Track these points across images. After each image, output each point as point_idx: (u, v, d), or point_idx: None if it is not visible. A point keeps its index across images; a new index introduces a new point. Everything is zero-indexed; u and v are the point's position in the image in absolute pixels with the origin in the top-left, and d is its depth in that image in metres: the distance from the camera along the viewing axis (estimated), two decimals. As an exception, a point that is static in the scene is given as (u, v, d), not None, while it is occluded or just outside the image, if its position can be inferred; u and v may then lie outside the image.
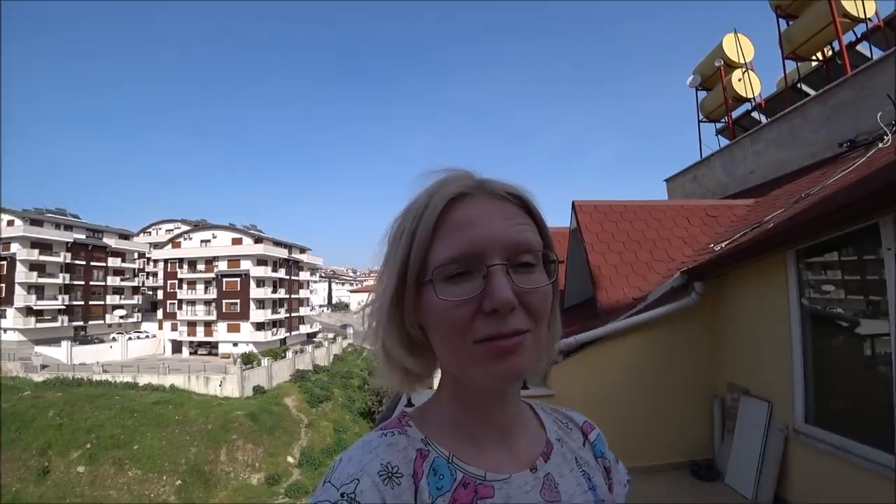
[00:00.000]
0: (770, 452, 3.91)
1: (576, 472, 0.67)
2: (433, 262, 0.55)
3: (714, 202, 7.11)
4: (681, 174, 10.16)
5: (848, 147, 5.49)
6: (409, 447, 0.58)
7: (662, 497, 4.19)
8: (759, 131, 7.80)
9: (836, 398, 3.66)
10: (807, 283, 3.90)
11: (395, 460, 0.56)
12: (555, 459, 0.66)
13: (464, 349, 0.54)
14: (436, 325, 0.56)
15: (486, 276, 0.53)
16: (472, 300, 0.53)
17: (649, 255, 5.96)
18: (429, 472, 0.56)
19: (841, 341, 3.79)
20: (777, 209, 4.95)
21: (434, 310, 0.55)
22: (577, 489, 0.64)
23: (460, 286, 0.54)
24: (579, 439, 0.74)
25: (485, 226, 0.55)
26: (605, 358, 4.78)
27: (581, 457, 0.70)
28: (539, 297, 0.56)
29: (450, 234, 0.55)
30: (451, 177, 0.60)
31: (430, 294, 0.55)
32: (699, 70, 10.84)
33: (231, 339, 46.36)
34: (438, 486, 0.55)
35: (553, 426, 0.72)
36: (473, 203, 0.57)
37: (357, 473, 0.53)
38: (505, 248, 0.54)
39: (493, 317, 0.52)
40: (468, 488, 0.56)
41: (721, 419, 4.65)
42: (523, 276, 0.55)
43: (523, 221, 0.58)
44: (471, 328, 0.53)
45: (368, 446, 0.57)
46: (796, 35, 8.23)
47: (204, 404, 32.79)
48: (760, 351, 4.28)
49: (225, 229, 50.66)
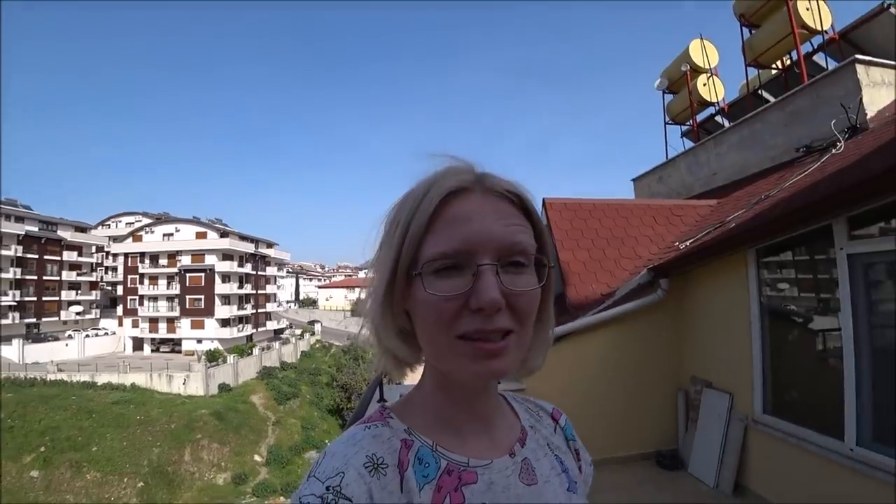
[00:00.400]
0: (731, 442, 4.10)
1: (549, 456, 0.70)
2: (424, 255, 0.55)
3: (679, 202, 7.35)
4: (647, 174, 10.44)
5: (804, 152, 5.77)
6: (394, 438, 0.59)
7: (628, 487, 4.33)
8: (723, 134, 8.10)
9: (791, 389, 3.87)
10: (765, 280, 4.10)
11: (380, 451, 0.57)
12: (530, 445, 0.69)
13: (447, 343, 0.55)
14: (422, 316, 0.57)
15: (475, 274, 0.53)
16: (460, 296, 0.53)
17: (617, 253, 6.12)
18: (414, 461, 0.57)
19: (796, 336, 4.01)
20: (738, 209, 5.16)
21: (421, 302, 0.56)
22: (551, 472, 0.67)
23: (449, 281, 0.54)
24: (550, 425, 0.77)
25: (479, 223, 0.55)
26: (575, 353, 4.90)
27: (552, 442, 0.74)
28: (526, 299, 0.56)
29: (444, 229, 0.55)
30: (451, 169, 0.59)
31: (419, 287, 0.55)
32: (666, 74, 11.15)
33: (195, 335, 45.05)
34: (424, 474, 0.57)
35: (525, 414, 0.75)
36: (471, 199, 0.57)
37: (342, 466, 0.53)
38: (497, 247, 0.55)
39: (478, 314, 0.53)
40: (452, 475, 0.58)
41: (685, 411, 4.84)
42: (513, 277, 0.55)
43: (519, 222, 0.58)
44: (455, 323, 0.54)
45: (353, 439, 0.58)
46: (758, 43, 8.57)
47: (167, 403, 31.80)
48: (722, 345, 4.47)
49: (189, 223, 49.12)
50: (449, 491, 0.56)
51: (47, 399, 29.81)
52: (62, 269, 46.75)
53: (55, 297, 45.94)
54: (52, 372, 33.44)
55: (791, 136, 6.38)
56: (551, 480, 0.66)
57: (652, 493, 4.22)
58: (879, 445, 2.94)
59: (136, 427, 29.06)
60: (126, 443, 28.00)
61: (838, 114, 5.30)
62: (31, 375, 32.67)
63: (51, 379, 32.85)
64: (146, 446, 28.13)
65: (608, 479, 4.47)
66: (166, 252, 46.88)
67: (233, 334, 45.09)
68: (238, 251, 47.72)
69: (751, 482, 3.95)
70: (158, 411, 30.64)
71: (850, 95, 5.43)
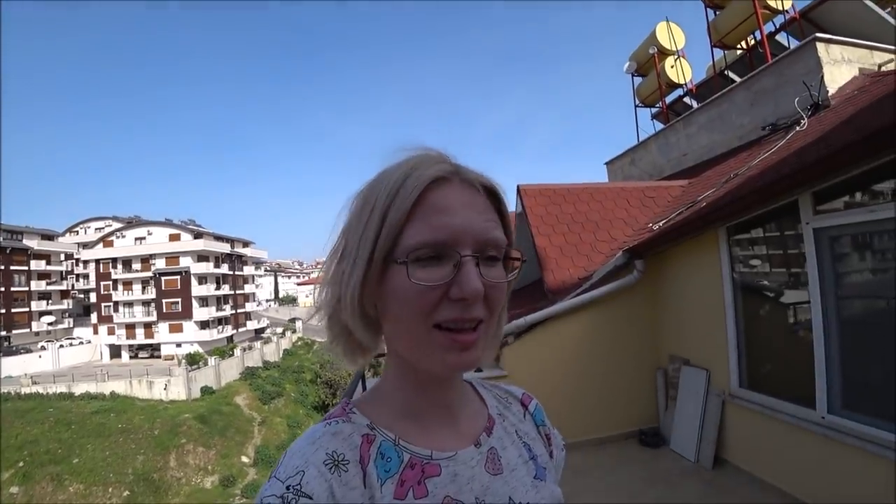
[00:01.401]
0: (709, 417, 4.21)
1: (517, 444, 0.70)
2: (405, 243, 0.55)
3: (651, 184, 7.45)
4: (620, 157, 10.55)
5: (770, 130, 5.90)
6: (354, 434, 0.59)
7: (612, 466, 4.42)
8: (691, 116, 8.22)
9: (765, 363, 3.97)
10: (737, 257, 4.19)
11: (340, 448, 0.56)
12: (497, 433, 0.69)
13: (422, 332, 0.55)
14: (399, 305, 0.56)
15: (457, 265, 0.54)
16: (441, 286, 0.54)
17: (593, 236, 6.18)
18: (376, 456, 0.57)
19: (768, 310, 4.11)
20: (709, 189, 5.26)
21: (400, 291, 0.55)
22: (518, 460, 0.68)
23: (428, 271, 0.54)
24: (519, 412, 0.77)
25: (461, 215, 0.55)
26: (555, 336, 4.96)
27: (521, 429, 0.74)
28: (499, 291, 0.58)
29: (425, 218, 0.55)
30: (428, 157, 0.59)
31: (400, 275, 0.54)
32: (635, 57, 11.24)
33: (174, 339, 44.22)
34: (386, 468, 0.57)
35: (493, 402, 0.75)
36: (450, 189, 0.57)
37: (302, 465, 0.53)
38: (476, 240, 0.56)
39: (458, 304, 0.54)
40: (415, 468, 0.58)
41: (665, 389, 4.94)
42: (488, 269, 0.56)
43: (492, 217, 0.59)
44: (434, 312, 0.54)
45: (312, 437, 0.58)
46: (723, 24, 8.69)
47: (149, 409, 31.23)
48: (698, 323, 4.57)
49: (161, 225, 47.99)
50: (412, 485, 0.57)
51: (23, 413, 29.00)
52: (30, 279, 45.16)
53: (25, 308, 44.43)
54: (27, 385, 32.46)
55: (757, 115, 6.51)
56: (518, 469, 0.66)
57: (635, 470, 4.30)
58: (849, 412, 3.04)
59: (119, 435, 28.51)
60: (108, 452, 27.45)
61: (801, 91, 5.42)
62: (5, 390, 31.64)
63: (25, 392, 31.91)
64: (130, 454, 27.63)
65: (592, 460, 4.55)
66: (139, 256, 45.72)
67: (213, 336, 44.38)
68: (213, 252, 46.84)
69: (729, 455, 4.07)
70: (140, 418, 30.08)
71: (811, 73, 5.56)
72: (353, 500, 0.53)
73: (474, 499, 0.59)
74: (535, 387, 4.43)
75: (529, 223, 6.31)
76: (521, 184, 6.78)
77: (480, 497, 0.60)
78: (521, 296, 7.43)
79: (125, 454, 27.57)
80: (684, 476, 4.08)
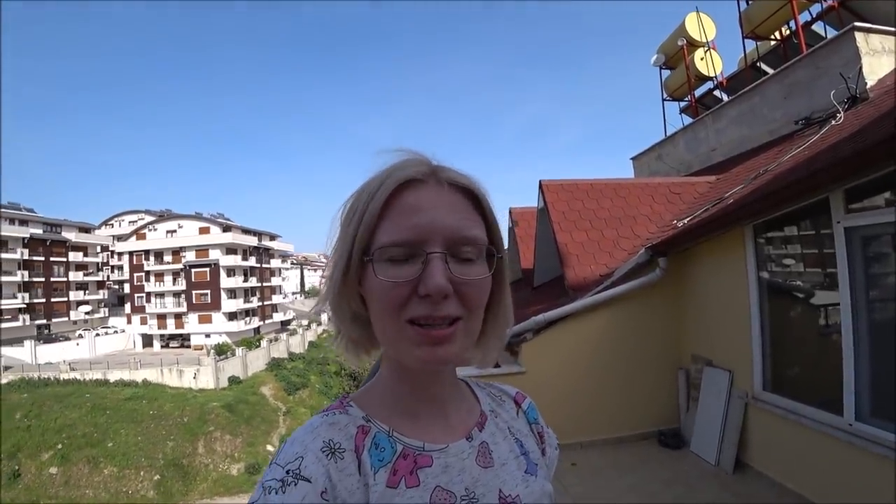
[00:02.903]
0: (731, 419, 4.10)
1: (509, 440, 0.71)
2: (377, 242, 0.57)
3: (677, 179, 7.27)
4: (646, 152, 10.32)
5: (804, 124, 5.68)
6: (350, 425, 0.61)
7: (631, 466, 4.35)
8: (721, 109, 7.97)
9: (790, 366, 3.85)
10: (764, 256, 4.06)
11: (337, 437, 0.59)
12: (489, 429, 0.70)
13: (396, 327, 0.57)
14: (374, 301, 0.59)
15: (424, 262, 0.56)
16: (409, 283, 0.56)
17: (615, 233, 6.08)
18: (370, 445, 0.60)
19: (795, 312, 3.98)
20: (737, 185, 5.10)
21: (373, 288, 0.58)
22: (509, 454, 0.69)
23: (400, 268, 0.56)
24: (513, 409, 0.79)
25: (430, 214, 0.57)
26: (575, 334, 4.89)
27: (513, 426, 0.75)
28: (474, 288, 0.58)
29: (396, 218, 0.57)
30: (406, 161, 0.61)
31: (371, 273, 0.58)
32: (663, 49, 10.95)
33: (203, 330, 45.52)
34: (380, 458, 0.59)
35: (487, 399, 0.77)
36: (423, 190, 0.59)
37: (301, 451, 0.56)
38: (446, 238, 0.57)
39: (426, 300, 0.55)
40: (408, 459, 0.60)
41: (686, 389, 4.83)
42: (462, 267, 0.57)
43: (469, 216, 0.60)
44: (404, 308, 0.56)
45: (310, 427, 0.60)
46: (755, 14, 8.38)
47: (179, 397, 32.28)
48: (721, 323, 4.45)
49: (191, 218, 49.32)
50: (404, 474, 0.59)
51: (62, 398, 30.33)
52: (69, 270, 47.16)
53: (64, 297, 46.42)
54: (65, 371, 33.98)
55: (790, 108, 6.27)
56: (508, 463, 0.68)
57: (654, 471, 4.23)
58: (878, 420, 2.91)
59: (150, 422, 29.56)
60: (141, 437, 28.52)
61: (838, 84, 5.19)
62: (45, 375, 33.24)
63: (64, 378, 33.40)
64: (160, 440, 28.63)
65: (610, 459, 4.50)
66: (170, 249, 47.17)
67: (240, 327, 45.49)
68: (241, 245, 47.90)
69: (751, 459, 3.96)
70: (171, 405, 31.12)
71: (849, 65, 5.31)
72: (348, 485, 0.55)
73: (464, 489, 0.61)
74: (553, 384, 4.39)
75: (551, 219, 6.25)
76: (543, 179, 6.71)
77: (470, 488, 0.62)
78: (541, 292, 7.37)
79: (156, 440, 28.58)
80: (704, 479, 3.99)
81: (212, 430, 29.81)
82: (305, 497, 0.52)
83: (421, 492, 0.58)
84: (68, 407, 29.49)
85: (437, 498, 0.59)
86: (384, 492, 0.57)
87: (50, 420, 28.43)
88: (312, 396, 37.58)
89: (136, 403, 30.83)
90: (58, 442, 27.40)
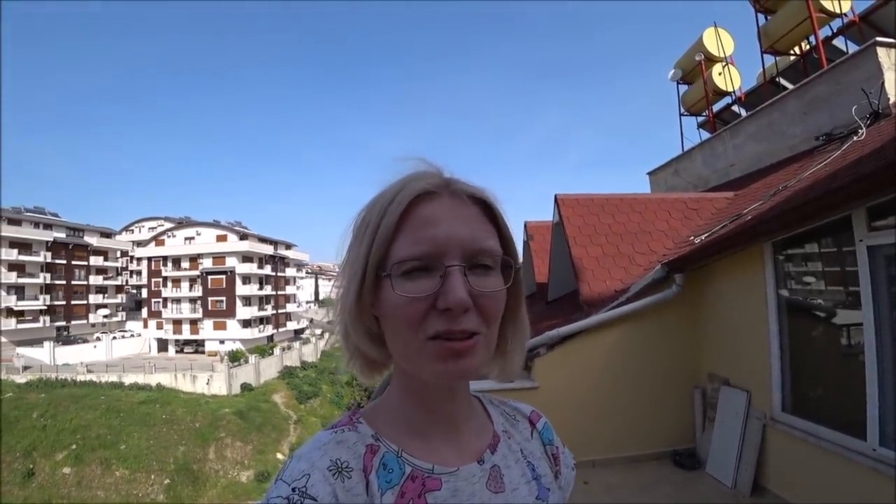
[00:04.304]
0: (749, 441, 4.00)
1: (521, 463, 0.69)
2: (393, 256, 0.56)
3: (695, 195, 7.20)
4: (663, 168, 10.25)
5: (824, 140, 5.59)
6: (359, 443, 0.60)
7: (644, 486, 4.26)
8: (739, 125, 7.89)
9: (811, 387, 3.75)
10: (783, 274, 3.98)
11: (344, 456, 0.57)
12: (501, 451, 0.68)
13: (416, 345, 0.56)
14: (391, 319, 0.57)
15: (443, 276, 0.54)
16: (428, 297, 0.54)
17: (631, 248, 6.02)
18: (378, 466, 0.58)
19: (816, 332, 3.88)
20: (755, 202, 5.03)
21: (390, 304, 0.56)
22: (521, 479, 0.67)
23: (417, 283, 0.55)
24: (527, 430, 0.76)
25: (446, 226, 0.56)
26: (589, 350, 4.84)
27: (526, 448, 0.73)
28: (493, 300, 0.57)
29: (412, 231, 0.56)
30: (418, 173, 0.60)
31: (388, 288, 0.56)
32: (680, 64, 10.91)
33: (217, 336, 45.88)
34: (387, 479, 0.57)
35: (500, 419, 0.74)
36: (438, 202, 0.58)
37: (308, 469, 0.54)
38: (463, 250, 0.56)
39: (445, 315, 0.54)
40: (416, 481, 0.58)
41: (702, 409, 4.74)
42: (480, 279, 0.56)
43: (484, 227, 0.59)
44: (423, 324, 0.55)
45: (318, 443, 0.59)
46: (774, 29, 8.32)
47: (191, 402, 32.50)
48: (739, 341, 4.36)
49: (209, 226, 50.01)
50: (412, 497, 0.57)
51: (78, 399, 30.74)
52: (89, 274, 48.08)
53: (83, 300, 47.28)
54: (82, 373, 34.49)
55: (810, 124, 6.19)
56: (520, 488, 0.66)
57: (668, 492, 4.14)
58: (903, 446, 2.82)
59: (162, 426, 29.78)
60: (153, 441, 28.72)
61: (859, 99, 5.12)
62: (62, 376, 33.77)
63: (80, 380, 33.89)
64: (172, 444, 28.81)
65: (624, 478, 4.41)
66: (188, 255, 47.84)
67: (254, 335, 45.80)
68: (257, 253, 48.41)
69: (770, 482, 3.85)
70: (183, 410, 31.33)
71: (871, 80, 5.24)
72: None
73: None
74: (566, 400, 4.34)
75: (566, 233, 6.21)
76: (558, 193, 6.69)
77: None
78: (555, 307, 7.31)
79: (168, 444, 28.77)
80: (721, 501, 3.89)
81: (223, 437, 29.93)
82: None
83: None
84: (83, 408, 29.86)
85: None
86: None
87: (65, 420, 28.81)
88: (324, 406, 37.60)
89: (149, 407, 31.10)
90: (72, 442, 27.72)
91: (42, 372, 34.12)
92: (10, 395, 30.51)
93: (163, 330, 47.61)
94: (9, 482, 25.48)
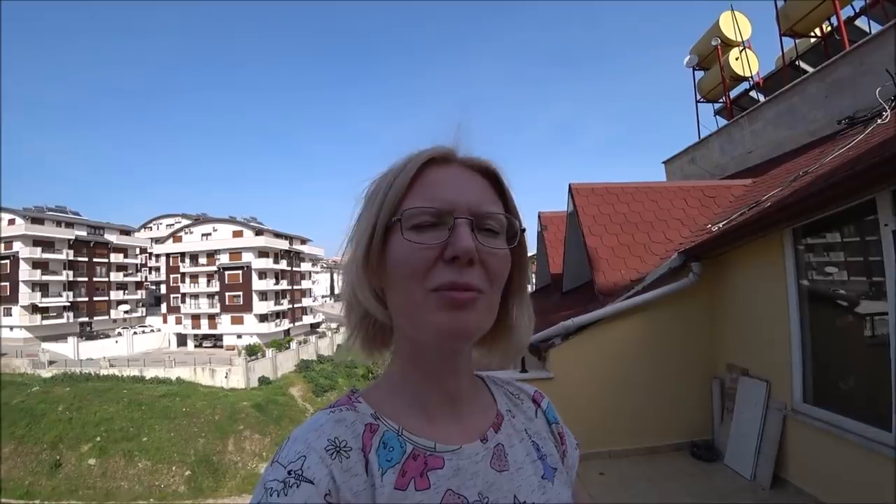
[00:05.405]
0: (768, 432, 3.92)
1: (525, 442, 0.69)
2: (402, 210, 0.57)
3: (712, 183, 7.07)
4: (679, 156, 10.09)
5: (847, 124, 5.43)
6: (357, 422, 0.59)
7: (662, 478, 4.21)
8: (758, 110, 7.72)
9: (833, 377, 3.66)
10: (804, 262, 3.88)
11: (343, 435, 0.56)
12: (505, 430, 0.67)
13: (419, 297, 0.56)
14: (398, 271, 0.57)
15: (451, 228, 0.56)
16: (435, 248, 0.55)
17: (647, 237, 5.94)
18: (378, 445, 0.57)
19: (838, 320, 3.78)
20: (775, 188, 4.91)
21: (397, 254, 0.57)
22: (525, 458, 0.66)
23: (425, 235, 0.56)
24: (531, 409, 0.76)
25: (454, 188, 0.58)
26: (604, 340, 4.78)
27: (530, 427, 0.72)
28: (498, 260, 0.58)
29: (422, 191, 0.58)
30: (430, 148, 0.62)
31: (396, 239, 0.57)
32: (696, 49, 10.69)
33: (235, 331, 46.59)
34: (388, 458, 0.56)
35: (504, 399, 0.74)
36: (448, 169, 0.61)
37: (304, 451, 0.53)
38: (471, 210, 0.57)
39: (451, 265, 0.54)
40: (418, 460, 0.57)
41: (720, 400, 4.66)
42: (486, 239, 0.57)
43: (491, 196, 0.61)
44: (429, 276, 0.55)
45: (315, 424, 0.58)
46: (793, 11, 8.09)
47: (210, 396, 33.08)
48: (758, 331, 4.27)
49: (225, 222, 50.63)
50: (414, 476, 0.56)
51: (101, 392, 31.50)
52: (110, 271, 49.15)
53: (105, 297, 48.37)
54: (105, 367, 35.34)
55: (832, 108, 6.02)
56: (525, 467, 0.65)
57: (686, 484, 4.08)
58: (930, 436, 2.74)
59: (183, 418, 30.36)
60: (173, 433, 29.31)
61: (884, 81, 4.94)
62: (86, 371, 34.63)
63: (103, 374, 34.73)
64: (192, 437, 29.37)
65: (641, 470, 4.37)
66: (205, 251, 48.54)
67: (271, 329, 46.38)
68: (273, 248, 48.90)
69: (790, 474, 3.77)
70: (203, 403, 31.90)
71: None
72: (353, 485, 0.53)
73: (477, 494, 0.58)
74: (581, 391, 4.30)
75: (581, 223, 6.15)
76: (573, 182, 6.62)
77: (484, 493, 0.59)
78: (570, 297, 7.25)
79: (188, 436, 29.33)
80: (739, 494, 3.83)
81: (241, 429, 30.41)
82: (308, 500, 0.49)
83: (431, 495, 0.55)
84: (107, 401, 30.59)
85: (449, 502, 0.56)
86: (392, 493, 0.54)
87: (90, 413, 29.54)
88: (340, 398, 37.98)
89: (169, 400, 31.72)
90: (96, 434, 28.42)
91: (66, 366, 35.03)
92: (37, 388, 31.42)
93: (182, 325, 48.46)
94: (37, 472, 26.26)
